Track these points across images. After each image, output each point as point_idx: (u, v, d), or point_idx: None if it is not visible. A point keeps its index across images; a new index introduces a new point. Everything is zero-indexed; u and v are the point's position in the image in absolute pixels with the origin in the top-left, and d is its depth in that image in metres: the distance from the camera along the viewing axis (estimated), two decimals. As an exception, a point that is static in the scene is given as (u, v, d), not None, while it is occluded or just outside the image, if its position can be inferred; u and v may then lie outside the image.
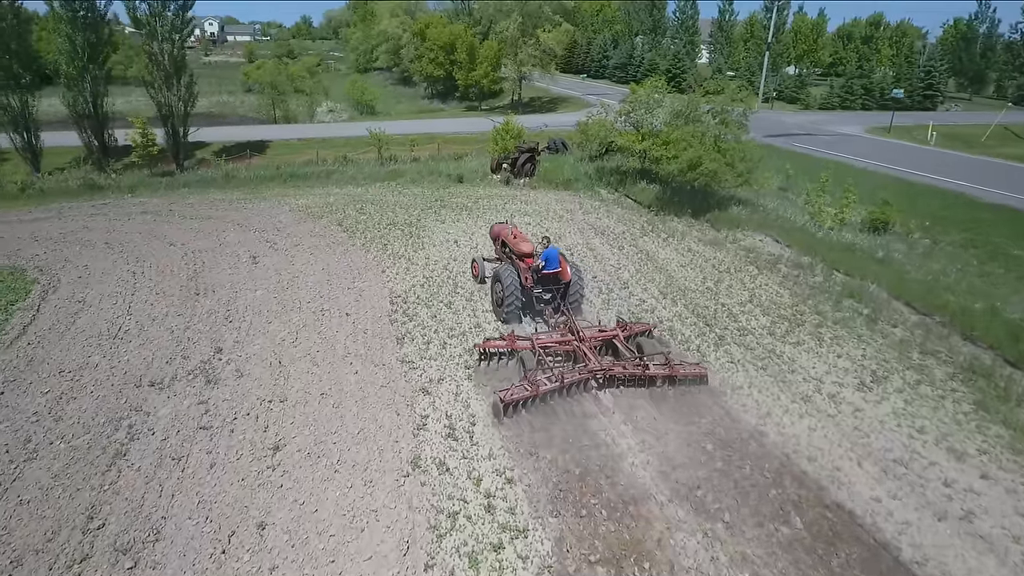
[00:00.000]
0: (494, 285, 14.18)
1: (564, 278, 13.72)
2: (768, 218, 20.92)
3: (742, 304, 15.21)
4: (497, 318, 14.14)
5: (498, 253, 15.99)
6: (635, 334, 12.73)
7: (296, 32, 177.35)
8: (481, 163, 29.62)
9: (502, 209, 22.91)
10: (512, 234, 15.08)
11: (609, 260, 17.96)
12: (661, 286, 16.18)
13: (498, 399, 10.50)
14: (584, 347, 11.91)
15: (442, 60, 58.06)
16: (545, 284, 13.82)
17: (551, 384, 10.78)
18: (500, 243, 15.76)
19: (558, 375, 10.93)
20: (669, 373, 11.36)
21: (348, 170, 28.35)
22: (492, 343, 12.19)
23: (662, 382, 11.39)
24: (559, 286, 13.83)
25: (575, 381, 11.08)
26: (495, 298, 14.21)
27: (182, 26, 26.31)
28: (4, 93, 24.87)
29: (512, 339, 12.11)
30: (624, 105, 25.05)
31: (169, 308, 14.65)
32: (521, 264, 14.05)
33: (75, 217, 21.96)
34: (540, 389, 10.65)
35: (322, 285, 16.05)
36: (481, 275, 15.87)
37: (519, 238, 14.83)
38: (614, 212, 22.64)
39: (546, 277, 13.72)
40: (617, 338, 12.33)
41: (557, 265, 13.61)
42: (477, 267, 16.11)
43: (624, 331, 12.59)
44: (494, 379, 11.68)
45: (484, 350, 12.10)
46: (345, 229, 20.51)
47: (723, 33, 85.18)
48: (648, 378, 11.33)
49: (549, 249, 13.76)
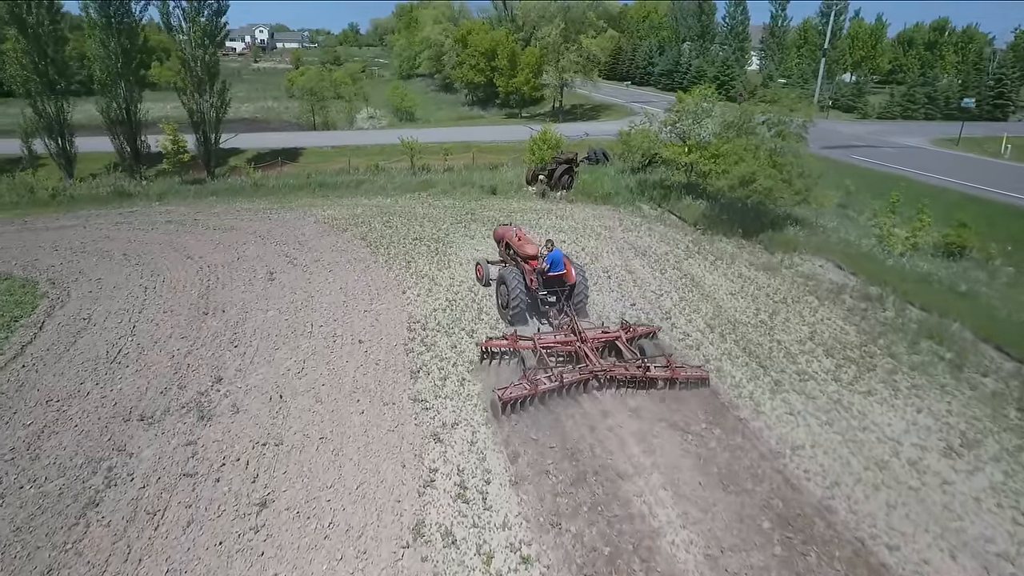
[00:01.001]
0: (499, 287, 14.23)
1: (569, 280, 13.78)
2: (828, 240, 18.95)
3: (801, 342, 13.41)
4: (503, 320, 14.08)
5: (502, 255, 16.10)
6: (638, 336, 12.60)
7: (343, 39, 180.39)
8: (517, 174, 28.31)
9: (536, 225, 21.53)
10: (517, 236, 15.10)
11: (650, 285, 16.36)
12: (708, 317, 14.50)
13: (496, 397, 10.42)
14: (586, 348, 11.80)
15: (483, 66, 57.22)
16: (550, 286, 13.88)
17: (550, 383, 10.72)
18: (504, 245, 15.84)
19: (557, 375, 10.87)
20: (670, 375, 11.21)
21: (379, 179, 27.44)
22: (494, 342, 12.17)
23: (663, 384, 11.25)
24: (564, 288, 13.86)
25: (575, 381, 10.97)
26: (500, 300, 14.19)
27: (215, 32, 25.87)
28: (40, 99, 24.84)
29: (514, 339, 12.06)
30: (670, 114, 23.39)
31: (174, 329, 13.76)
32: (526, 266, 14.13)
33: (100, 225, 21.56)
34: (539, 388, 10.60)
35: (337, 307, 14.95)
36: (485, 278, 15.90)
37: (523, 240, 14.85)
38: (657, 230, 20.97)
39: (551, 279, 13.80)
40: (620, 340, 12.25)
41: (562, 267, 13.75)
42: (481, 270, 16.08)
43: (627, 333, 12.47)
44: (512, 423, 10.30)
45: (486, 349, 12.13)
46: (369, 244, 19.45)
47: (775, 39, 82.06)
48: (649, 380, 11.19)
49: (554, 251, 13.84)
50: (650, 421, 10.62)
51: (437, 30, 73.69)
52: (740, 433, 10.35)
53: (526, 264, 14.10)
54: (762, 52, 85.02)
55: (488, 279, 15.83)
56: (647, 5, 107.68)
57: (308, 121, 52.51)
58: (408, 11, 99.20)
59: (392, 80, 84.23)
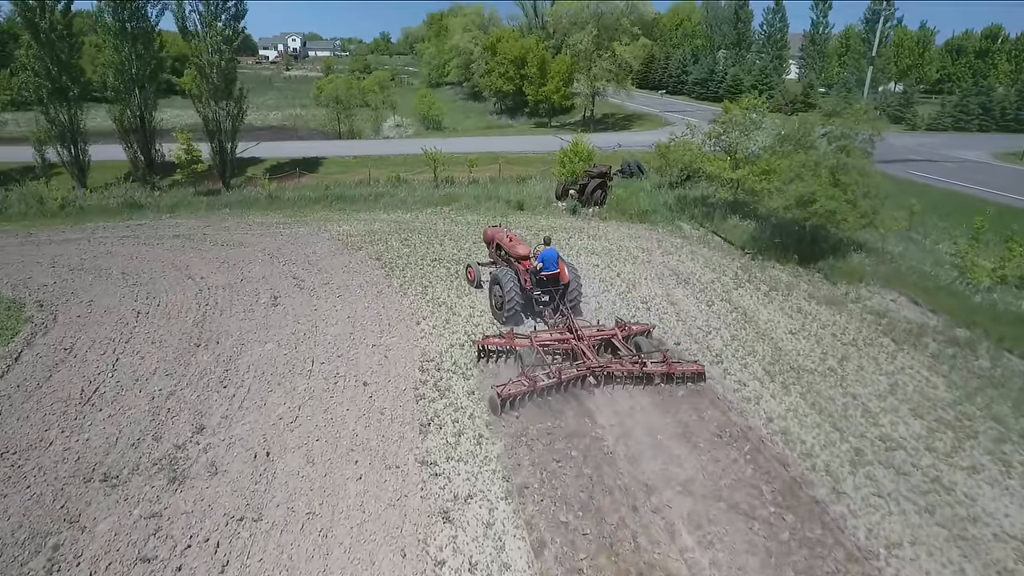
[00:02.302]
0: (493, 288, 14.12)
1: (563, 279, 13.78)
2: (899, 270, 16.76)
3: (881, 397, 11.35)
4: (497, 321, 14.00)
5: (493, 257, 16.24)
6: (634, 334, 12.62)
7: (374, 48, 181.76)
8: (545, 187, 26.57)
9: (566, 245, 19.73)
10: (508, 237, 15.27)
11: (696, 320, 14.41)
12: (766, 362, 12.51)
13: (495, 394, 10.46)
14: (582, 345, 11.84)
15: (512, 74, 55.83)
16: (543, 286, 13.84)
17: (548, 380, 10.78)
18: (495, 246, 15.97)
19: (555, 371, 10.94)
20: (667, 371, 11.28)
21: (399, 192, 25.95)
22: (491, 340, 12.20)
23: (660, 379, 11.33)
24: (558, 287, 13.84)
25: (572, 377, 11.01)
26: (495, 301, 14.11)
27: (232, 37, 24.73)
28: (53, 106, 23.96)
29: (511, 337, 12.11)
30: (714, 126, 21.41)
31: (160, 364, 12.28)
32: (519, 266, 14.13)
33: (105, 239, 20.42)
34: (538, 384, 10.66)
35: (343, 340, 13.34)
36: (477, 280, 15.84)
37: (515, 241, 15.03)
38: (700, 253, 18.97)
39: (544, 279, 13.76)
40: (616, 337, 12.30)
41: (555, 267, 13.70)
42: (472, 272, 15.95)
43: (623, 331, 12.50)
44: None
45: (483, 347, 12.12)
46: (384, 264, 17.87)
47: (815, 47, 78.97)
48: (646, 375, 11.27)
49: (547, 251, 13.76)
50: (705, 500, 8.72)
51: (466, 38, 72.73)
52: (819, 522, 8.38)
53: (519, 264, 14.15)
54: (802, 60, 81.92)
55: (479, 281, 15.80)
56: (680, 12, 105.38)
57: (333, 129, 51.61)
58: (438, 19, 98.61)
59: (420, 88, 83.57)
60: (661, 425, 10.45)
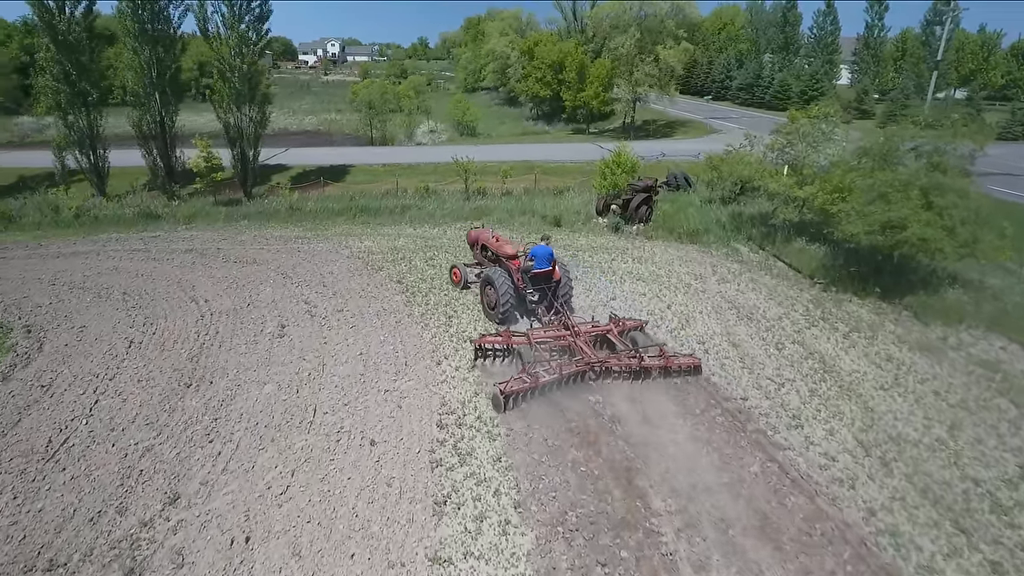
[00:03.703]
0: (484, 288, 14.04)
1: (555, 277, 13.77)
2: (1004, 308, 14.26)
3: (1011, 483, 9.03)
4: (491, 321, 13.85)
5: (477, 258, 16.16)
6: (628, 330, 12.62)
7: (412, 52, 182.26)
8: (584, 201, 24.56)
9: (608, 268, 17.71)
10: (494, 237, 15.29)
11: (764, 367, 12.22)
12: (857, 428, 10.27)
13: (498, 391, 10.37)
14: (579, 341, 11.85)
15: (549, 79, 53.99)
16: (535, 284, 13.69)
17: (550, 376, 10.72)
18: (480, 248, 15.89)
19: (556, 367, 10.90)
20: (664, 364, 11.31)
21: (428, 204, 24.27)
22: (488, 339, 12.07)
23: (657, 373, 11.33)
24: (549, 285, 13.78)
25: (573, 373, 10.98)
26: (487, 301, 13.95)
27: (257, 40, 23.44)
28: (72, 111, 23.02)
29: (508, 335, 12.01)
30: (777, 137, 19.10)
31: (142, 409, 10.70)
32: (509, 265, 13.99)
33: (114, 253, 19.21)
34: (539, 381, 10.60)
35: (352, 382, 11.57)
36: (463, 282, 15.67)
37: (501, 241, 15.04)
38: (762, 282, 16.70)
39: (536, 277, 13.66)
40: (611, 333, 12.33)
41: (547, 264, 13.62)
42: (458, 273, 15.81)
43: (618, 327, 12.52)
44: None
45: (480, 346, 11.98)
46: (405, 288, 16.12)
47: (870, 51, 75.08)
48: (644, 369, 11.24)
49: (539, 247, 13.67)
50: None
51: (503, 42, 71.24)
52: None
53: (509, 263, 14.03)
54: (855, 65, 78.00)
55: (466, 283, 15.67)
56: (723, 16, 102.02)
57: (365, 135, 50.50)
58: (475, 24, 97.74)
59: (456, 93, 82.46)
60: (733, 513, 8.36)
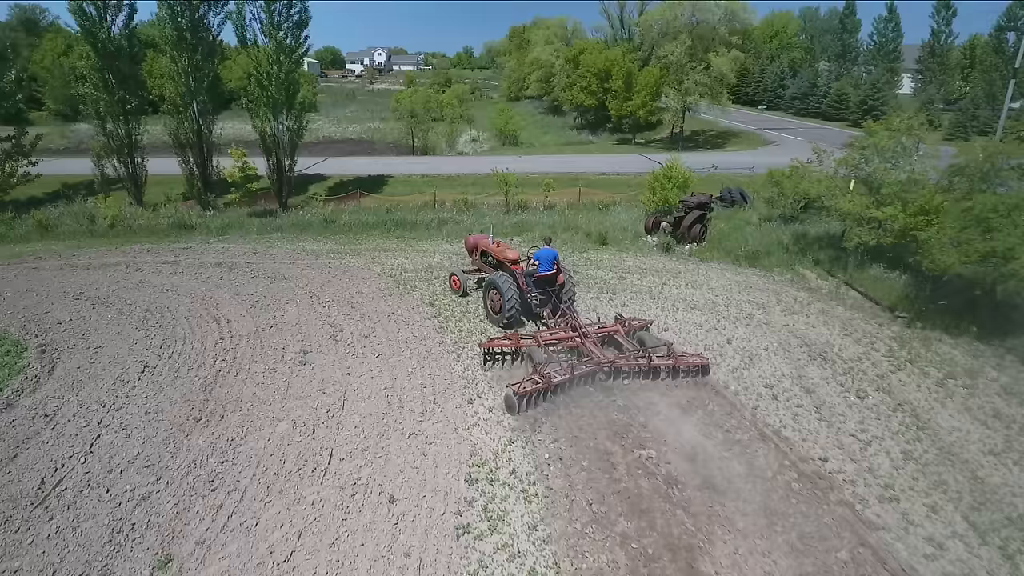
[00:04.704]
0: (489, 293, 14.06)
1: (558, 280, 13.84)
2: None
3: None
4: (496, 326, 13.85)
5: (476, 264, 16.17)
6: (635, 330, 12.61)
7: (456, 62, 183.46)
8: (632, 218, 23.05)
9: (658, 293, 16.20)
10: (495, 243, 15.45)
11: (845, 420, 10.53)
12: (965, 506, 8.53)
13: (511, 392, 10.34)
14: (588, 342, 11.85)
15: (595, 88, 52.58)
16: (539, 287, 13.80)
17: (562, 376, 10.65)
18: (479, 253, 15.91)
19: (567, 368, 10.86)
20: (673, 364, 11.30)
21: (466, 219, 23.16)
22: (496, 342, 12.16)
23: (666, 373, 11.31)
24: (553, 288, 13.85)
25: (584, 374, 10.95)
26: (492, 306, 13.99)
27: (295, 48, 22.83)
28: (111, 120, 22.83)
29: (516, 338, 12.04)
30: (850, 152, 17.26)
31: (144, 447, 9.75)
32: (512, 269, 14.10)
33: (143, 265, 18.67)
34: (552, 381, 10.51)
35: (374, 422, 10.41)
36: (463, 288, 15.71)
37: (503, 246, 15.21)
38: (835, 314, 14.89)
39: (540, 280, 13.75)
40: (618, 333, 12.36)
41: (550, 267, 13.73)
42: (457, 280, 15.81)
43: (624, 327, 12.53)
44: None
45: (489, 350, 12.02)
46: (438, 312, 14.95)
47: (935, 59, 71.09)
48: (653, 369, 11.25)
49: (544, 250, 13.79)
50: None
51: (548, 51, 70.26)
52: None
53: (511, 268, 14.15)
54: (918, 74, 74.00)
55: (466, 289, 15.76)
56: (775, 23, 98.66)
57: (407, 144, 50.04)
58: (520, 32, 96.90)
59: (499, 102, 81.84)
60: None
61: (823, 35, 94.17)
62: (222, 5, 22.87)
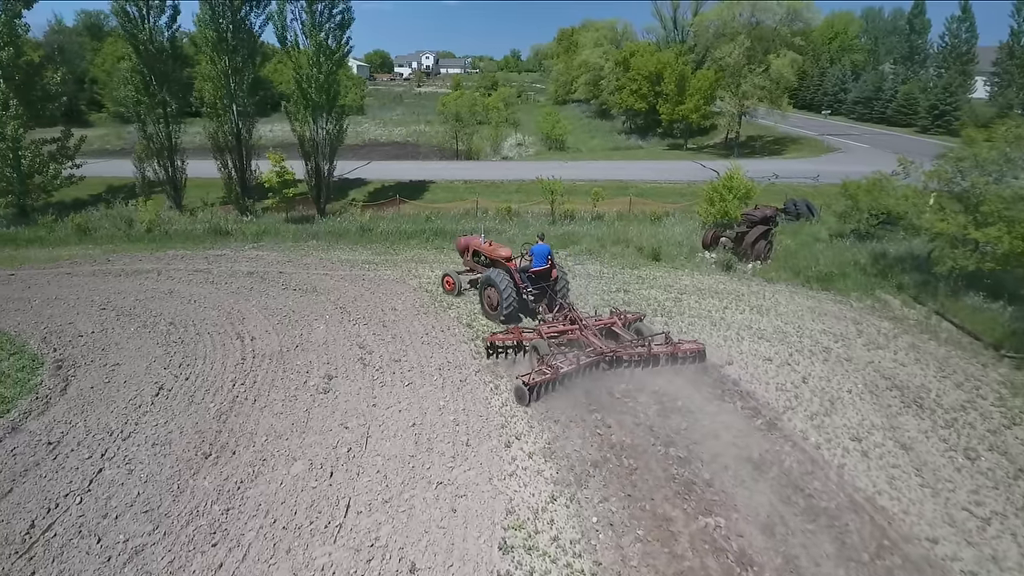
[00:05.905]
0: (486, 290, 14.25)
1: (552, 275, 14.19)
2: None
3: None
4: (493, 322, 14.12)
5: (468, 264, 16.17)
6: (631, 321, 12.87)
7: (504, 65, 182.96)
8: (687, 230, 21.39)
9: (719, 319, 14.57)
10: (487, 243, 15.51)
11: (955, 488, 8.78)
12: None
13: (521, 383, 10.51)
14: (588, 333, 11.98)
15: (646, 91, 50.74)
16: (534, 283, 14.07)
17: (569, 366, 10.83)
18: (472, 253, 15.96)
19: (573, 358, 11.11)
20: (671, 351, 11.53)
21: (508, 229, 21.91)
22: (499, 336, 12.37)
23: (666, 360, 11.48)
24: (547, 283, 14.14)
25: (589, 363, 11.08)
26: (489, 303, 14.24)
27: (336, 49, 22.03)
28: (151, 122, 22.53)
29: (518, 331, 12.34)
30: (943, 164, 15.26)
31: (145, 488, 8.78)
32: (507, 266, 14.25)
33: (175, 273, 18.10)
34: (560, 371, 10.65)
35: (400, 466, 9.21)
36: (457, 288, 15.87)
37: (495, 245, 15.32)
38: (928, 350, 12.99)
39: (535, 276, 14.00)
40: (616, 325, 12.57)
41: (544, 262, 14.02)
42: (451, 281, 15.97)
43: (620, 319, 12.74)
44: None
45: (492, 343, 12.25)
46: (475, 335, 13.71)
47: (1015, 61, 66.25)
48: (653, 356, 11.42)
49: (539, 246, 14.08)
50: None
51: (597, 53, 68.59)
52: None
53: (506, 265, 14.32)
54: (994, 77, 69.17)
55: (460, 289, 15.91)
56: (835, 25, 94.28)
57: (451, 147, 49.22)
58: (568, 35, 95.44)
59: (546, 106, 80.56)
60: None
61: (887, 36, 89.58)
62: (264, 5, 22.32)
